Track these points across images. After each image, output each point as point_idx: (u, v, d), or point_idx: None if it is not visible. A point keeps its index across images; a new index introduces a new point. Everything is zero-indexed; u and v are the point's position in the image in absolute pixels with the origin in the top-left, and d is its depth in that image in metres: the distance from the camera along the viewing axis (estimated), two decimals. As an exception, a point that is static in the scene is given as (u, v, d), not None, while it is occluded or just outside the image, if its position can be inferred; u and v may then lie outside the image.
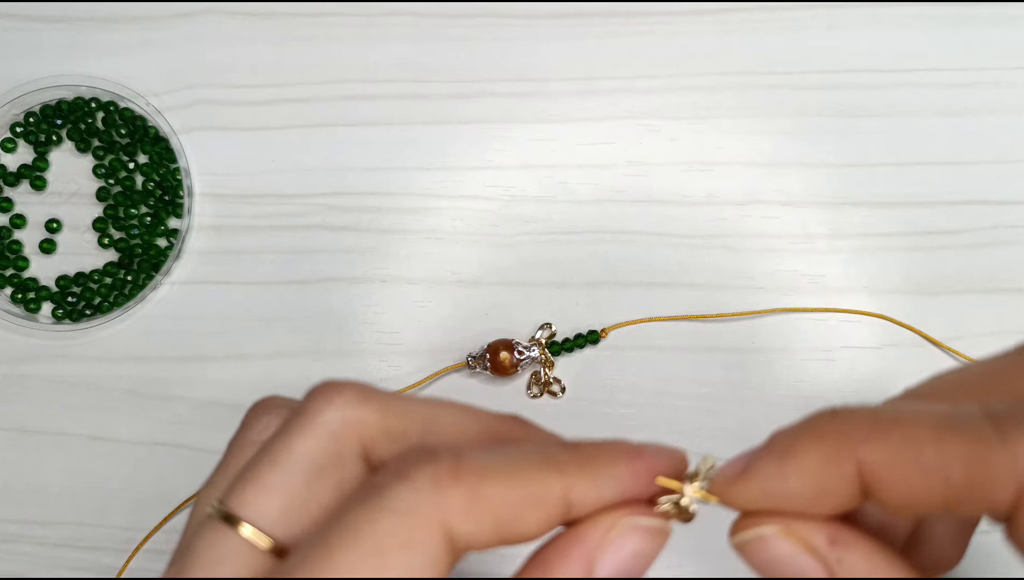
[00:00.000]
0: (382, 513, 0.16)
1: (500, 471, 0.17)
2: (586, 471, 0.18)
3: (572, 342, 0.36)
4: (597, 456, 0.18)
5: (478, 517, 0.17)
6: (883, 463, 0.16)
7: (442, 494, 0.17)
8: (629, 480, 0.18)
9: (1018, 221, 0.37)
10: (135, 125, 0.39)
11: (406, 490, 0.17)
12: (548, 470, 0.18)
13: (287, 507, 0.18)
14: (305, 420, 0.19)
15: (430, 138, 0.39)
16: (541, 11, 0.40)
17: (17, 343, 0.38)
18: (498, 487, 0.17)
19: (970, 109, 0.39)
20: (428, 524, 0.16)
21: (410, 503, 0.16)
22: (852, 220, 0.38)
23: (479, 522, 0.17)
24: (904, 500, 0.16)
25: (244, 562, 0.18)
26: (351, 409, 0.19)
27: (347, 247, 0.38)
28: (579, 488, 0.18)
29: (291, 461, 0.18)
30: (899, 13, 0.39)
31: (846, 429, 0.17)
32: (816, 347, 0.37)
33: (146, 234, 0.38)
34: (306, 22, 0.40)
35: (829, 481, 0.17)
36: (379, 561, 0.16)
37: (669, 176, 0.38)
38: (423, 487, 0.17)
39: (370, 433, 0.19)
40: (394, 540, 0.16)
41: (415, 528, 0.16)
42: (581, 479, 0.18)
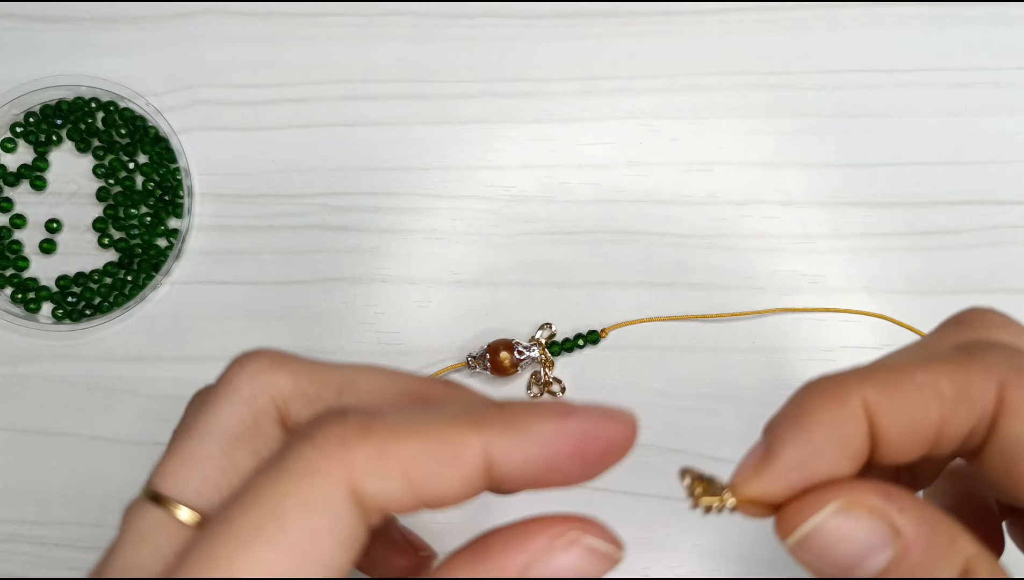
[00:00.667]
0: (282, 474, 0.16)
1: (413, 427, 0.17)
2: (508, 427, 0.17)
3: (572, 342, 0.36)
4: (522, 413, 0.17)
5: (387, 475, 0.16)
6: (883, 394, 0.17)
7: (347, 452, 0.16)
8: (557, 439, 0.17)
9: (1018, 221, 0.37)
10: (135, 125, 0.39)
11: (309, 450, 0.16)
12: (465, 425, 0.17)
13: (206, 478, 0.18)
14: (219, 391, 0.19)
15: (430, 138, 0.39)
16: (541, 11, 0.40)
17: (17, 343, 0.38)
18: (409, 443, 0.16)
19: (970, 109, 0.39)
20: (330, 483, 0.16)
21: (312, 463, 0.16)
22: (852, 220, 0.38)
23: (389, 480, 0.16)
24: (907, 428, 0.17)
25: (167, 536, 0.18)
26: (263, 374, 0.19)
27: (347, 247, 0.38)
28: (500, 445, 0.17)
29: (207, 432, 0.19)
30: (899, 13, 0.39)
31: (840, 380, 0.18)
32: (816, 347, 0.37)
33: (146, 234, 0.38)
34: (306, 22, 0.40)
35: (846, 424, 0.17)
36: (278, 523, 0.16)
37: (669, 176, 0.38)
38: (327, 446, 0.16)
39: (284, 397, 0.19)
40: (294, 501, 0.16)
41: (317, 488, 0.16)
42: (502, 435, 0.17)
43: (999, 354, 0.18)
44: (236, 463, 0.18)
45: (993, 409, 0.18)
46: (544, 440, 0.17)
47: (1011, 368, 0.18)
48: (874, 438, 0.17)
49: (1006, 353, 0.18)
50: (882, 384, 0.17)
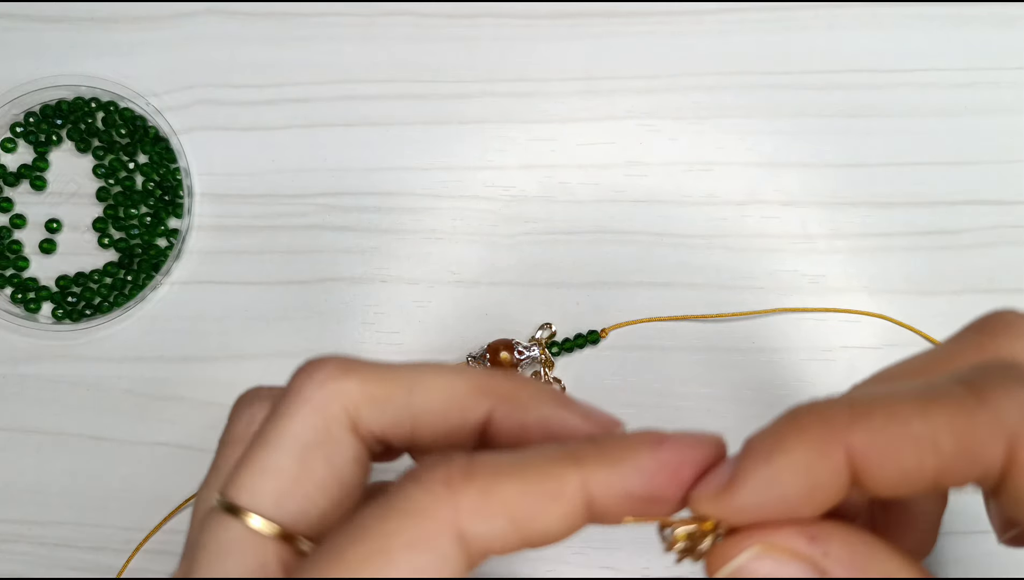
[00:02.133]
0: (391, 511, 0.16)
1: (513, 468, 0.17)
2: (605, 461, 0.17)
3: (572, 342, 0.36)
4: (616, 445, 0.17)
5: (491, 516, 0.16)
6: (872, 444, 0.16)
7: (453, 494, 0.16)
8: (654, 469, 0.17)
9: (1018, 221, 0.37)
10: (135, 125, 0.39)
11: (416, 490, 0.17)
12: (564, 462, 0.17)
13: (284, 488, 0.18)
14: (289, 401, 0.19)
15: (430, 138, 0.39)
16: (541, 11, 0.40)
17: (17, 343, 0.38)
18: (511, 484, 0.17)
19: (970, 109, 0.39)
20: (437, 524, 0.16)
21: (419, 503, 0.16)
22: (852, 220, 0.38)
23: (493, 521, 0.16)
24: (896, 479, 0.16)
25: (250, 550, 0.18)
26: (332, 383, 0.19)
27: (347, 247, 0.38)
28: (598, 479, 0.17)
29: (281, 443, 0.19)
30: (899, 13, 0.39)
31: (828, 418, 0.16)
32: (816, 347, 0.37)
33: (146, 234, 0.38)
34: (306, 22, 0.40)
35: (821, 474, 0.16)
36: (384, 559, 0.16)
37: (669, 176, 0.38)
38: (433, 488, 0.17)
39: (354, 402, 0.19)
40: (401, 539, 0.16)
41: (423, 528, 0.16)
42: (600, 469, 0.17)
43: (1014, 400, 0.16)
44: (311, 472, 0.19)
45: (1001, 466, 0.16)
46: (641, 470, 0.17)
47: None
48: (856, 482, 0.16)
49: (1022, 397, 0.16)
50: (873, 432, 0.16)
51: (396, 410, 0.19)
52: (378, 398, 0.19)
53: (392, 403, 0.19)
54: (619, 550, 0.34)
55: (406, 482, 0.17)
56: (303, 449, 0.19)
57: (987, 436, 0.15)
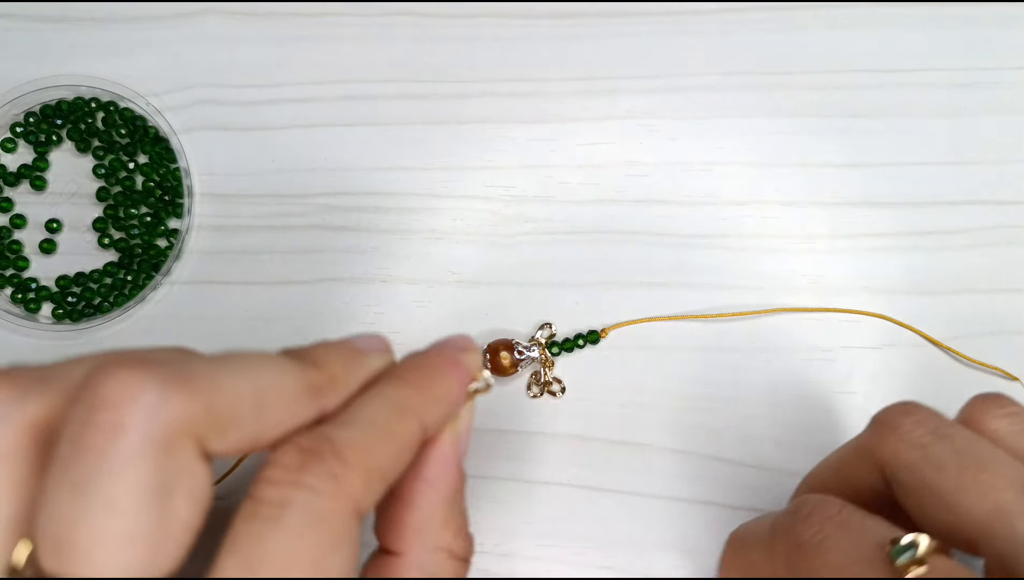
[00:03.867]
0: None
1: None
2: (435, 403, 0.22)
3: (572, 342, 0.36)
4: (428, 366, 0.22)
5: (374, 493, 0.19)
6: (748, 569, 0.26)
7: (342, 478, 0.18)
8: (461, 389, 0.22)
9: (1018, 221, 0.38)
10: (135, 125, 0.39)
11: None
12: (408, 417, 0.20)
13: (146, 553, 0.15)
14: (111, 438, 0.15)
15: (430, 138, 0.39)
16: (541, 11, 0.40)
17: (17, 343, 0.38)
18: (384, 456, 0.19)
19: (970, 109, 0.39)
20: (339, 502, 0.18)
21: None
22: (852, 220, 0.38)
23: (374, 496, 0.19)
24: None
25: None
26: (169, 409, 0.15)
27: (347, 247, 0.38)
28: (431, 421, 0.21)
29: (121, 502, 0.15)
30: (899, 13, 0.39)
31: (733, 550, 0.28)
32: (816, 347, 0.37)
33: (146, 234, 0.38)
34: (306, 22, 0.40)
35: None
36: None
37: (669, 176, 0.38)
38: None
39: (201, 431, 0.16)
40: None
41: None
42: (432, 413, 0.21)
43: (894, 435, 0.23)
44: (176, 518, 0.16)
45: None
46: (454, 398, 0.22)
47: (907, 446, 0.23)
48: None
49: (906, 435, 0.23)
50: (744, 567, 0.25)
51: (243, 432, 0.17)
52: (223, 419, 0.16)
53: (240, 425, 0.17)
54: (619, 550, 0.34)
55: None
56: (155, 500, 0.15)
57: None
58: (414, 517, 0.21)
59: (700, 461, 0.35)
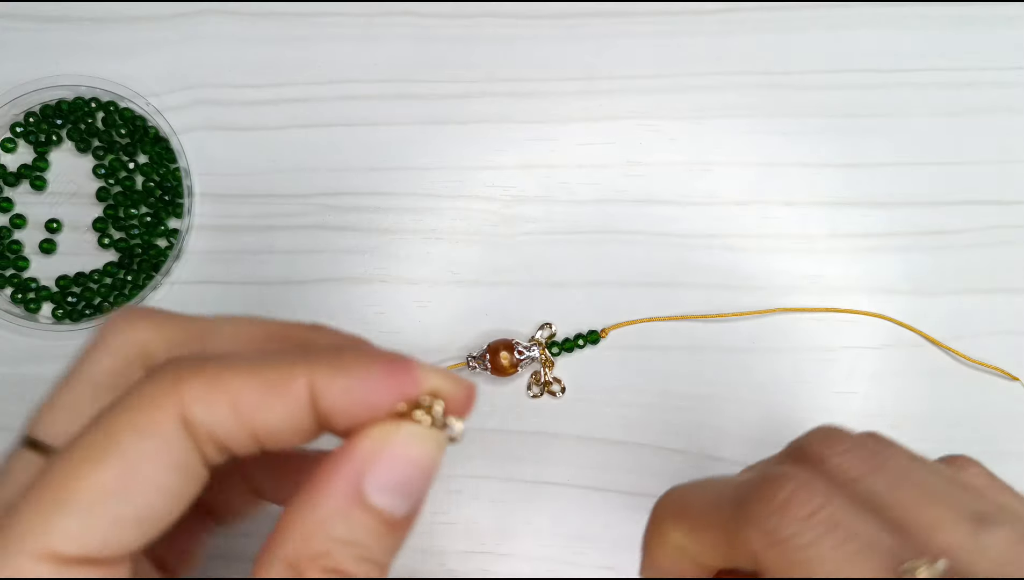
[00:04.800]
0: (120, 406, 0.18)
1: (245, 363, 0.18)
2: (335, 362, 0.18)
3: (572, 342, 0.36)
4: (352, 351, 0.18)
5: (215, 403, 0.17)
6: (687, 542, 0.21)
7: (180, 383, 0.17)
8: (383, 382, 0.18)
9: (1018, 221, 0.38)
10: (135, 125, 0.39)
11: (146, 385, 0.18)
12: (294, 361, 0.18)
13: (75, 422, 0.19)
14: (92, 345, 0.21)
15: (430, 138, 0.39)
16: (541, 11, 0.40)
17: (17, 343, 0.38)
18: (239, 376, 0.18)
19: (970, 109, 0.39)
20: (161, 411, 0.17)
21: (147, 395, 0.18)
22: (852, 220, 0.38)
23: (217, 409, 0.17)
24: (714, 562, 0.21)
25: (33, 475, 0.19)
26: (130, 328, 0.21)
27: (347, 247, 0.38)
28: (323, 378, 0.18)
29: (77, 381, 0.20)
30: (899, 13, 0.39)
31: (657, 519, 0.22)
32: (816, 347, 0.37)
33: (146, 234, 0.38)
34: (306, 22, 0.40)
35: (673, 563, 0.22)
36: (112, 444, 0.17)
37: (669, 176, 0.38)
38: (162, 381, 0.18)
39: (151, 348, 0.21)
40: (127, 427, 0.17)
41: (148, 415, 0.17)
42: (327, 369, 0.18)
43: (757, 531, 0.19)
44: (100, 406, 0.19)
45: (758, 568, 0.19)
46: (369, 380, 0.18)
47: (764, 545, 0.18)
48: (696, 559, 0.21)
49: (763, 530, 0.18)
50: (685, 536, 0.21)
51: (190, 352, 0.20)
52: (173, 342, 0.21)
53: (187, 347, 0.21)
54: (619, 550, 0.34)
55: (139, 380, 0.18)
56: (98, 387, 0.20)
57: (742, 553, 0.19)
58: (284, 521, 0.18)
59: (700, 461, 0.35)
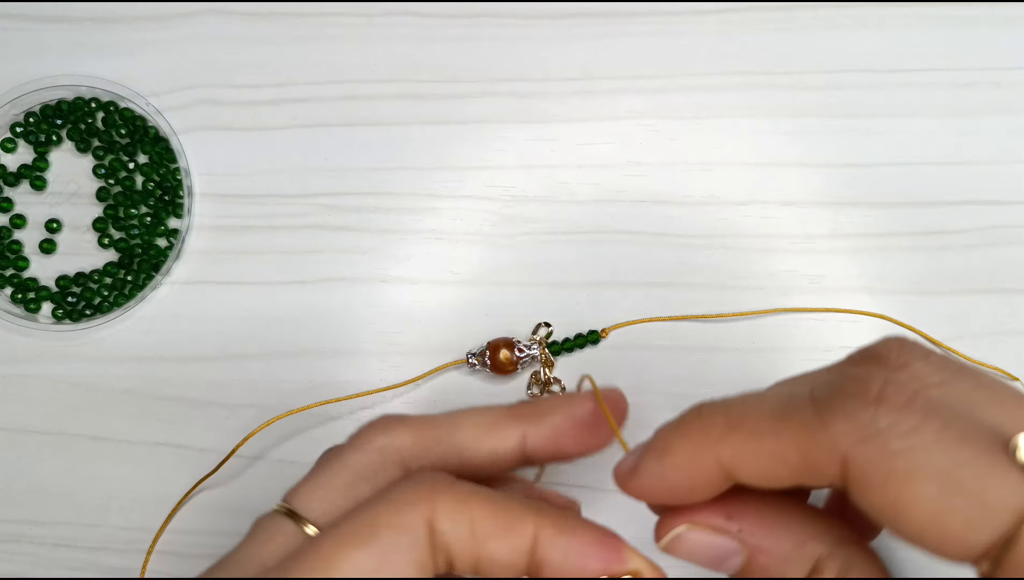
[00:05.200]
0: (382, 501, 0.20)
1: (487, 494, 0.20)
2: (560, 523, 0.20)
3: (572, 342, 0.36)
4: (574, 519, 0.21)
5: (459, 520, 0.20)
6: (734, 456, 0.20)
7: (434, 492, 0.20)
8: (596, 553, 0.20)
9: (1018, 221, 0.37)
10: (135, 125, 0.39)
11: (407, 486, 0.20)
12: (526, 506, 0.20)
13: (331, 502, 0.23)
14: (352, 443, 0.24)
15: (430, 138, 0.39)
16: (541, 11, 0.40)
17: (17, 343, 0.38)
18: (483, 503, 0.20)
19: (970, 109, 0.38)
20: (417, 513, 0.20)
21: (406, 495, 0.20)
22: (852, 220, 0.38)
23: (459, 525, 0.20)
24: (760, 481, 0.20)
25: (292, 538, 0.22)
26: (391, 435, 0.24)
27: (347, 247, 0.38)
28: (548, 532, 0.20)
29: (339, 469, 0.23)
30: (899, 13, 0.39)
31: (705, 429, 0.20)
32: (816, 347, 0.37)
33: (146, 234, 0.38)
34: (306, 22, 0.40)
35: (697, 474, 0.20)
36: (371, 533, 0.19)
37: (669, 176, 0.38)
38: (420, 487, 0.20)
39: (406, 446, 0.23)
40: (386, 520, 0.20)
41: (405, 514, 0.20)
42: (554, 526, 0.20)
43: (850, 424, 0.18)
44: (358, 494, 0.23)
45: (840, 481, 0.18)
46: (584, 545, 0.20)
47: (857, 440, 0.18)
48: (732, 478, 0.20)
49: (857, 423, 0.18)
50: (735, 447, 0.20)
51: (441, 447, 0.23)
52: (426, 441, 0.24)
53: (437, 442, 0.24)
54: (619, 550, 0.34)
55: (402, 481, 0.21)
56: (356, 477, 0.23)
57: (824, 456, 0.18)
58: None
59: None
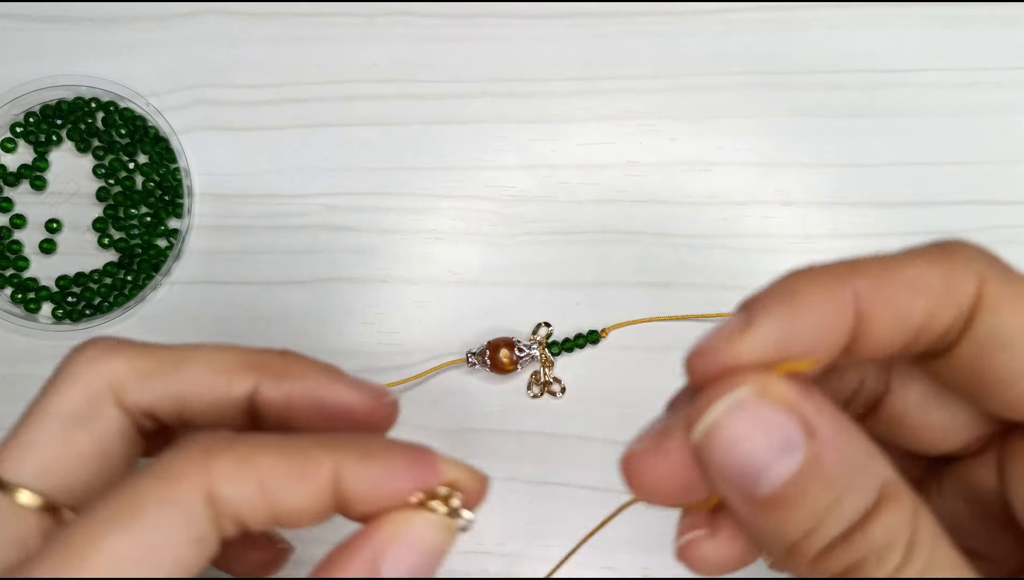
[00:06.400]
0: (148, 475, 0.17)
1: (273, 444, 0.18)
2: (361, 451, 0.18)
3: (572, 342, 0.36)
4: (377, 443, 0.19)
5: (243, 481, 0.17)
6: (872, 286, 0.17)
7: (209, 458, 0.17)
8: (406, 473, 0.18)
9: (1018, 221, 0.37)
10: (135, 125, 0.39)
11: (175, 456, 0.18)
12: (321, 447, 0.18)
13: (44, 460, 0.20)
14: (57, 377, 0.21)
15: (430, 138, 0.39)
16: (540, 11, 0.40)
17: (17, 343, 0.38)
18: (267, 456, 0.18)
19: (970, 109, 0.38)
20: (189, 484, 0.17)
21: (175, 467, 0.17)
22: (852, 220, 0.38)
23: (243, 486, 0.17)
24: (892, 321, 0.17)
25: (14, 522, 0.19)
26: (100, 359, 0.20)
27: (347, 247, 0.38)
28: (349, 465, 0.18)
29: (44, 417, 0.20)
30: (899, 13, 0.39)
31: (833, 270, 0.17)
32: (816, 347, 0.37)
33: (146, 234, 0.38)
34: (306, 22, 0.40)
35: (832, 313, 0.17)
36: (134, 515, 0.17)
37: (669, 176, 0.38)
38: (192, 454, 0.18)
39: (120, 378, 0.20)
40: (152, 498, 0.17)
41: (176, 488, 0.17)
42: (354, 457, 0.18)
43: (978, 251, 0.18)
44: (74, 445, 0.20)
45: (972, 303, 0.17)
46: (392, 470, 0.18)
47: (988, 264, 0.18)
48: (859, 328, 0.17)
49: (982, 251, 0.18)
50: (874, 277, 0.17)
51: (162, 385, 0.20)
52: (144, 373, 0.21)
53: (158, 378, 0.21)
54: (619, 550, 0.34)
55: (168, 451, 0.18)
56: (66, 423, 0.20)
57: (963, 275, 0.17)
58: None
59: (700, 461, 0.35)
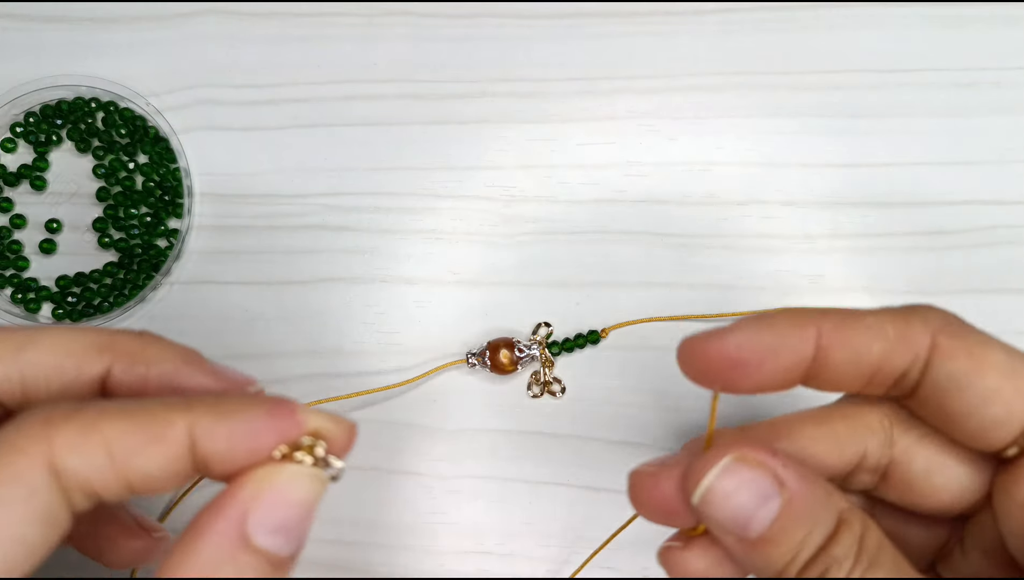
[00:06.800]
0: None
1: (120, 410, 0.17)
2: (216, 408, 0.17)
3: (572, 342, 0.36)
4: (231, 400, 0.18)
5: (88, 450, 0.17)
6: (835, 327, 0.21)
7: (50, 429, 0.17)
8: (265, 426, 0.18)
9: (1018, 221, 0.38)
10: (135, 125, 0.39)
11: (12, 431, 0.17)
12: (172, 408, 0.17)
13: None
14: None
15: (430, 138, 0.39)
16: (541, 11, 0.40)
17: (17, 343, 0.38)
18: (114, 422, 0.17)
19: (970, 109, 0.39)
20: (29, 459, 0.16)
21: (13, 441, 0.17)
22: (852, 220, 0.38)
23: (90, 456, 0.17)
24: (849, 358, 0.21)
25: None
26: None
27: (347, 247, 0.38)
28: (204, 424, 0.17)
29: None
30: (899, 13, 0.39)
31: (803, 311, 0.21)
32: (816, 347, 0.37)
33: (146, 234, 0.38)
34: (306, 22, 0.40)
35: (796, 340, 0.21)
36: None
37: (669, 176, 0.38)
38: (30, 428, 0.17)
39: None
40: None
41: (14, 464, 0.16)
42: (208, 415, 0.17)
43: (937, 311, 0.21)
44: None
45: (927, 353, 0.21)
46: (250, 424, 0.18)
47: (945, 321, 0.21)
48: (820, 359, 0.21)
49: (941, 311, 0.21)
50: (838, 320, 0.21)
51: (3, 368, 0.20)
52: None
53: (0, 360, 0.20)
54: (619, 550, 0.34)
55: (5, 425, 0.17)
56: None
57: (918, 327, 0.21)
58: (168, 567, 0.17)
59: (700, 461, 0.35)
